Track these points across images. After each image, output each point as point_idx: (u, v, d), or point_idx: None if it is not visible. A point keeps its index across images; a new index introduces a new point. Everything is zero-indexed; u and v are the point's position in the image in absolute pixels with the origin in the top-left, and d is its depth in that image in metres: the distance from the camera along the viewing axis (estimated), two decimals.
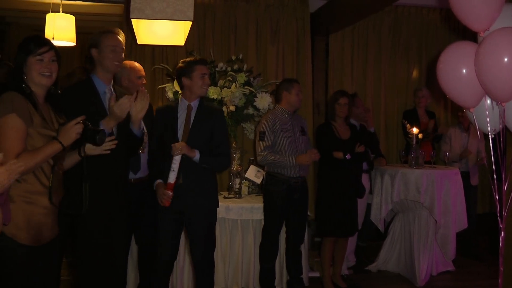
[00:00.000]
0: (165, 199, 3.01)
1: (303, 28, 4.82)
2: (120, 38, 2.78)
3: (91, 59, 2.72)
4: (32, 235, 2.16)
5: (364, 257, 4.75)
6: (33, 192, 2.17)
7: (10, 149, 2.05)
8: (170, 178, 3.01)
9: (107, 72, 2.74)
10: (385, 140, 5.44)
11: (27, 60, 2.22)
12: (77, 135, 2.23)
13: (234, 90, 3.96)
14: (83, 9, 5.38)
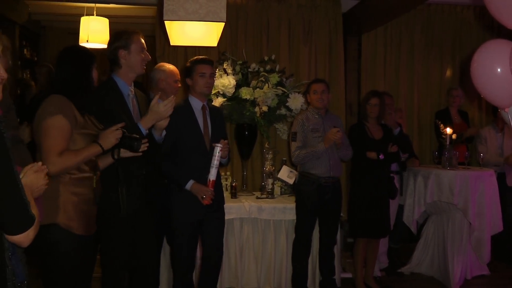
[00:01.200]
0: (209, 196, 3.03)
1: (335, 28, 4.79)
2: (143, 39, 2.81)
3: (116, 60, 2.71)
4: (84, 225, 2.32)
5: (396, 259, 4.69)
6: (79, 185, 2.31)
7: (54, 146, 2.19)
8: (212, 175, 3.02)
9: (134, 73, 2.75)
10: (418, 141, 5.37)
11: (93, 68, 2.40)
12: (116, 140, 2.38)
13: (267, 91, 3.97)
14: (117, 12, 5.49)
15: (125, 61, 2.69)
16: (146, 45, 2.79)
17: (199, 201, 3.03)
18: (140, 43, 2.73)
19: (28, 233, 1.49)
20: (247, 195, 4.09)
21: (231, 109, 3.96)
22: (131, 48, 2.69)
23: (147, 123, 2.61)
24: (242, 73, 4.09)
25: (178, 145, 3.06)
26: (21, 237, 1.48)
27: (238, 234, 3.80)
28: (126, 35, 2.72)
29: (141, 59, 2.72)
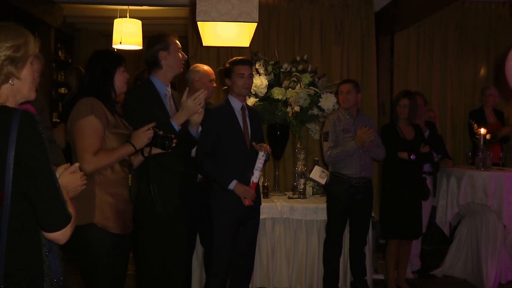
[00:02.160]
0: (251, 197, 3.06)
1: (368, 27, 4.76)
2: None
3: (157, 62, 2.78)
4: (120, 224, 2.36)
5: (429, 261, 4.64)
6: (115, 185, 2.36)
7: (89, 146, 2.26)
8: (255, 178, 3.07)
9: (173, 73, 2.85)
10: (452, 141, 5.28)
11: (117, 70, 2.45)
12: (148, 140, 2.43)
13: (299, 91, 3.97)
14: (150, 14, 5.57)
15: (166, 61, 2.79)
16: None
17: (240, 201, 3.06)
18: (177, 44, 2.84)
19: (65, 231, 1.53)
20: (279, 195, 4.10)
21: (263, 109, 3.97)
22: (170, 49, 2.79)
23: (179, 119, 2.67)
24: (274, 73, 4.10)
25: (219, 144, 3.07)
26: (58, 234, 1.53)
27: (270, 234, 3.81)
28: (164, 37, 2.82)
29: (180, 59, 2.84)
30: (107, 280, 2.33)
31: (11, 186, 1.44)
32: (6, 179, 1.43)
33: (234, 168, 3.07)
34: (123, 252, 2.46)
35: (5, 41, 1.55)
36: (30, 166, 1.46)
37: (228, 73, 3.17)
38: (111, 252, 2.33)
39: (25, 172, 1.45)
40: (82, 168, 2.17)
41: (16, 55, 1.58)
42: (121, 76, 2.47)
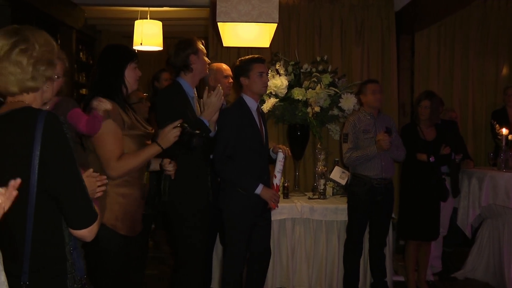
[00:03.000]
0: (277, 201, 3.07)
1: (388, 27, 4.72)
2: None
3: (188, 65, 2.85)
4: (128, 225, 2.34)
5: (450, 264, 4.59)
6: (127, 186, 2.35)
7: (111, 152, 2.24)
8: (278, 180, 3.07)
9: (200, 76, 2.94)
10: (473, 142, 5.21)
11: (128, 66, 2.40)
12: (175, 138, 2.40)
13: (319, 91, 3.97)
14: (170, 15, 5.61)
15: (195, 65, 2.86)
16: None
17: (256, 204, 3.04)
18: (203, 48, 2.92)
19: (92, 228, 1.57)
20: (299, 195, 4.10)
21: (284, 110, 3.98)
22: (199, 53, 2.87)
23: (208, 116, 2.71)
24: (294, 73, 4.10)
25: (238, 146, 3.00)
26: (85, 231, 1.55)
27: (290, 234, 3.81)
28: (194, 41, 2.90)
29: (205, 62, 2.93)
30: (114, 281, 2.32)
31: (36, 186, 1.47)
32: (31, 179, 1.46)
33: (254, 171, 3.03)
34: (133, 254, 2.44)
35: (45, 46, 1.58)
36: (56, 165, 1.48)
37: (244, 72, 3.07)
38: (119, 253, 2.31)
39: (51, 172, 1.48)
40: (109, 175, 2.19)
41: (54, 58, 1.62)
42: (132, 73, 2.42)
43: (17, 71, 1.52)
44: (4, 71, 1.51)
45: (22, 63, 1.52)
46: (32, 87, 1.56)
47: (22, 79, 1.53)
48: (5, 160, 1.50)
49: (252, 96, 3.11)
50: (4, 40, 1.51)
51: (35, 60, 1.54)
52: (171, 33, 5.53)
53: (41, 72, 1.56)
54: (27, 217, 1.48)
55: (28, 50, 1.53)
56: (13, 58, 1.51)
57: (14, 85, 1.53)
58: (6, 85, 1.53)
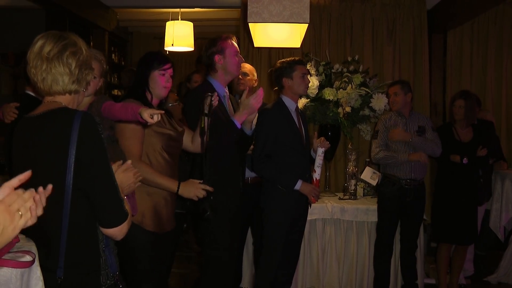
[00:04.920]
0: (317, 194, 3.14)
1: (420, 26, 4.66)
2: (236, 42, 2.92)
3: (212, 65, 2.85)
4: (156, 222, 2.39)
5: (483, 267, 4.50)
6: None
7: (132, 148, 2.29)
8: (318, 174, 3.12)
9: (229, 76, 2.90)
10: (507, 143, 5.08)
11: (151, 73, 2.45)
12: (196, 198, 2.40)
13: (350, 91, 3.94)
14: (201, 15, 5.66)
15: (221, 65, 2.84)
16: None
17: (297, 202, 3.09)
18: (233, 47, 2.86)
19: (122, 227, 1.59)
20: (330, 195, 4.08)
21: (315, 110, 3.97)
22: (226, 53, 2.83)
23: (241, 118, 2.71)
24: (325, 74, 4.08)
25: (277, 146, 3.06)
26: (115, 230, 1.58)
27: (321, 234, 3.80)
28: (220, 40, 2.85)
29: (236, 62, 2.87)
30: (145, 278, 2.36)
31: (71, 184, 1.50)
32: (67, 177, 1.50)
33: (295, 169, 3.09)
34: (162, 250, 2.47)
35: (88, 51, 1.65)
36: (90, 165, 1.52)
37: (288, 73, 3.13)
38: (149, 249, 2.36)
39: (85, 171, 1.52)
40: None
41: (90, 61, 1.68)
42: (158, 79, 2.45)
43: (66, 72, 1.58)
44: (54, 71, 1.57)
45: (72, 65, 1.59)
46: (75, 89, 1.62)
47: (69, 80, 1.59)
48: (42, 158, 1.55)
49: (292, 97, 3.19)
50: (53, 42, 1.57)
51: (81, 63, 1.61)
52: (202, 33, 5.55)
53: (84, 75, 1.63)
54: (63, 214, 1.52)
55: (77, 53, 1.60)
56: (64, 59, 1.57)
57: (59, 85, 1.59)
58: (52, 84, 1.59)
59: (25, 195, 1.07)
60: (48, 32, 1.62)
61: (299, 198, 3.10)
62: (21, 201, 1.05)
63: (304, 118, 3.35)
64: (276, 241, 3.08)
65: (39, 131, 1.56)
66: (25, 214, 1.06)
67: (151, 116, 1.90)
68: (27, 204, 1.06)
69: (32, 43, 1.59)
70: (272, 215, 3.09)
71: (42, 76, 1.56)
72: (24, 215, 1.06)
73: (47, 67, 1.55)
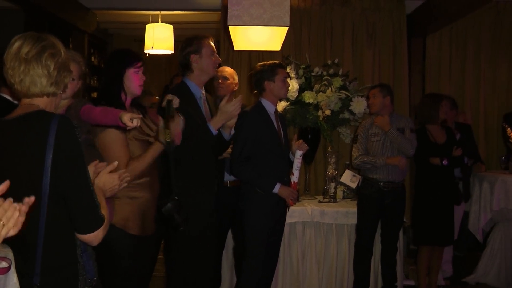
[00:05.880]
0: (295, 198, 3.14)
1: (400, 30, 4.71)
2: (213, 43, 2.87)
3: (188, 65, 2.79)
4: (139, 226, 2.37)
5: (461, 268, 4.55)
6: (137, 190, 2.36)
7: (119, 159, 2.17)
8: (296, 177, 3.12)
9: (205, 77, 2.84)
10: (484, 145, 5.16)
11: (126, 71, 2.39)
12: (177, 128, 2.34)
13: (330, 95, 3.96)
14: (181, 18, 5.64)
15: (197, 65, 2.79)
16: None
17: (277, 205, 3.10)
18: (210, 47, 2.82)
19: (98, 233, 1.57)
20: (310, 199, 4.09)
21: (294, 113, 3.98)
22: (202, 52, 2.78)
23: (217, 124, 2.69)
24: (305, 77, 4.10)
25: (257, 148, 3.06)
26: (91, 236, 1.57)
27: (301, 237, 3.81)
28: (196, 40, 2.81)
29: (212, 62, 2.81)
30: (127, 282, 2.34)
31: (48, 188, 1.48)
32: (44, 181, 1.48)
33: (273, 172, 3.09)
34: (144, 254, 2.46)
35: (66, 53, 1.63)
36: (66, 169, 1.50)
37: (269, 76, 3.13)
38: (132, 253, 2.33)
39: (61, 175, 1.50)
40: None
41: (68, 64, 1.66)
42: (133, 77, 2.40)
43: (44, 73, 1.56)
44: (32, 72, 1.55)
45: (50, 67, 1.57)
46: (53, 92, 1.60)
47: (47, 82, 1.57)
48: (19, 162, 1.52)
49: (272, 100, 3.19)
50: (31, 43, 1.55)
51: (60, 65, 1.59)
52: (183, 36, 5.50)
53: (62, 78, 1.61)
54: (40, 219, 1.50)
55: (55, 55, 1.58)
56: (43, 61, 1.55)
57: (37, 87, 1.56)
58: (30, 86, 1.56)
59: (5, 205, 1.05)
60: (26, 33, 1.59)
61: (278, 201, 3.11)
62: (1, 210, 1.03)
63: (283, 121, 3.35)
64: (258, 244, 3.08)
65: (16, 135, 1.53)
66: (7, 224, 1.04)
67: (131, 120, 1.87)
68: (8, 214, 1.05)
69: (9, 44, 1.56)
70: (252, 218, 3.09)
71: (20, 77, 1.54)
72: (6, 225, 1.04)
73: (25, 69, 1.53)
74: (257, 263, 3.10)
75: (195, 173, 2.73)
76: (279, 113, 3.36)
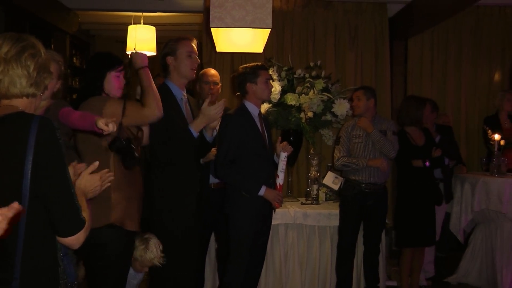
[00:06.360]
0: (280, 200, 3.13)
1: (382, 33, 4.75)
2: (193, 44, 2.86)
3: (166, 66, 2.81)
4: (136, 221, 2.41)
5: (443, 268, 4.59)
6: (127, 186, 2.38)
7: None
8: (281, 179, 3.12)
9: (183, 78, 2.84)
10: (466, 147, 5.23)
11: (107, 75, 2.41)
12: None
13: (312, 97, 3.97)
14: (164, 20, 5.61)
15: (173, 67, 2.79)
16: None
17: (262, 207, 3.08)
18: (187, 48, 2.80)
19: (79, 236, 1.55)
20: (292, 201, 4.09)
21: (277, 115, 3.98)
22: (177, 54, 2.78)
23: (198, 126, 2.69)
24: (287, 79, 4.10)
25: (241, 151, 3.04)
26: (71, 239, 1.54)
27: (283, 240, 3.81)
28: (172, 41, 2.82)
29: (189, 64, 2.80)
30: (115, 281, 2.36)
31: (28, 191, 1.46)
32: (24, 184, 1.45)
33: (258, 175, 3.07)
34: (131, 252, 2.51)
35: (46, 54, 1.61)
36: (46, 171, 1.48)
37: (251, 79, 3.11)
38: (123, 252, 2.37)
39: (41, 177, 1.47)
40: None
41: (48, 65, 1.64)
42: (114, 81, 2.42)
43: (24, 74, 1.54)
44: (11, 72, 1.52)
45: (30, 67, 1.54)
46: (32, 93, 1.58)
47: (26, 83, 1.55)
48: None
49: (255, 103, 3.17)
50: (11, 43, 1.53)
51: (40, 66, 1.57)
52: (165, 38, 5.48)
53: (42, 79, 1.59)
54: (19, 223, 1.47)
55: (35, 56, 1.56)
56: (23, 61, 1.53)
57: (16, 88, 1.54)
58: (9, 86, 1.54)
59: None
60: (5, 33, 1.57)
61: (263, 203, 3.09)
62: None
63: (267, 123, 3.35)
64: (242, 247, 3.06)
65: None
66: None
67: (107, 125, 1.86)
68: None
69: None
70: (238, 221, 3.07)
71: None
72: None
73: (4, 69, 1.51)
74: (242, 266, 3.08)
75: (177, 174, 2.73)
76: (262, 115, 3.35)
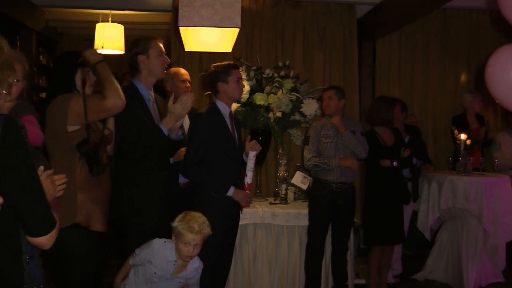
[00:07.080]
0: (249, 200, 3.14)
1: (350, 33, 4.79)
2: (161, 44, 2.87)
3: (135, 66, 2.79)
4: (102, 222, 2.40)
5: (410, 266, 4.66)
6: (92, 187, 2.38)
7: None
8: (249, 179, 3.11)
9: (153, 78, 2.83)
10: (433, 146, 5.33)
11: (77, 72, 2.42)
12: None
13: (281, 96, 3.97)
14: (132, 18, 5.55)
15: (145, 66, 2.78)
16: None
17: (230, 207, 3.08)
18: (158, 47, 2.81)
19: (51, 235, 1.53)
20: (261, 200, 4.09)
21: (245, 115, 3.97)
22: (150, 53, 2.77)
23: (168, 124, 2.67)
24: (256, 78, 4.09)
25: (211, 151, 3.02)
26: (44, 239, 1.51)
27: (252, 239, 3.80)
28: (144, 40, 2.80)
29: (160, 63, 2.80)
30: (83, 281, 2.35)
31: None
32: None
33: (227, 175, 3.06)
34: (101, 250, 2.48)
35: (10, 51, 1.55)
36: (14, 171, 1.44)
37: (223, 78, 3.08)
38: (91, 251, 2.34)
39: (9, 177, 1.43)
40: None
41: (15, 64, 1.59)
42: (87, 78, 2.45)
43: None
44: None
45: None
46: None
47: None
48: None
49: (226, 102, 3.15)
50: None
51: (1, 63, 1.50)
52: (133, 36, 5.41)
53: (5, 76, 1.52)
54: None
55: None
56: None
57: None
58: None
59: None
60: None
61: (232, 203, 3.09)
62: None
63: (237, 123, 3.34)
64: (210, 247, 3.03)
65: None
66: None
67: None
68: None
69: None
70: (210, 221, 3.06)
71: None
72: None
73: None
74: (208, 265, 3.06)
75: (146, 174, 2.71)
76: (233, 115, 3.34)
